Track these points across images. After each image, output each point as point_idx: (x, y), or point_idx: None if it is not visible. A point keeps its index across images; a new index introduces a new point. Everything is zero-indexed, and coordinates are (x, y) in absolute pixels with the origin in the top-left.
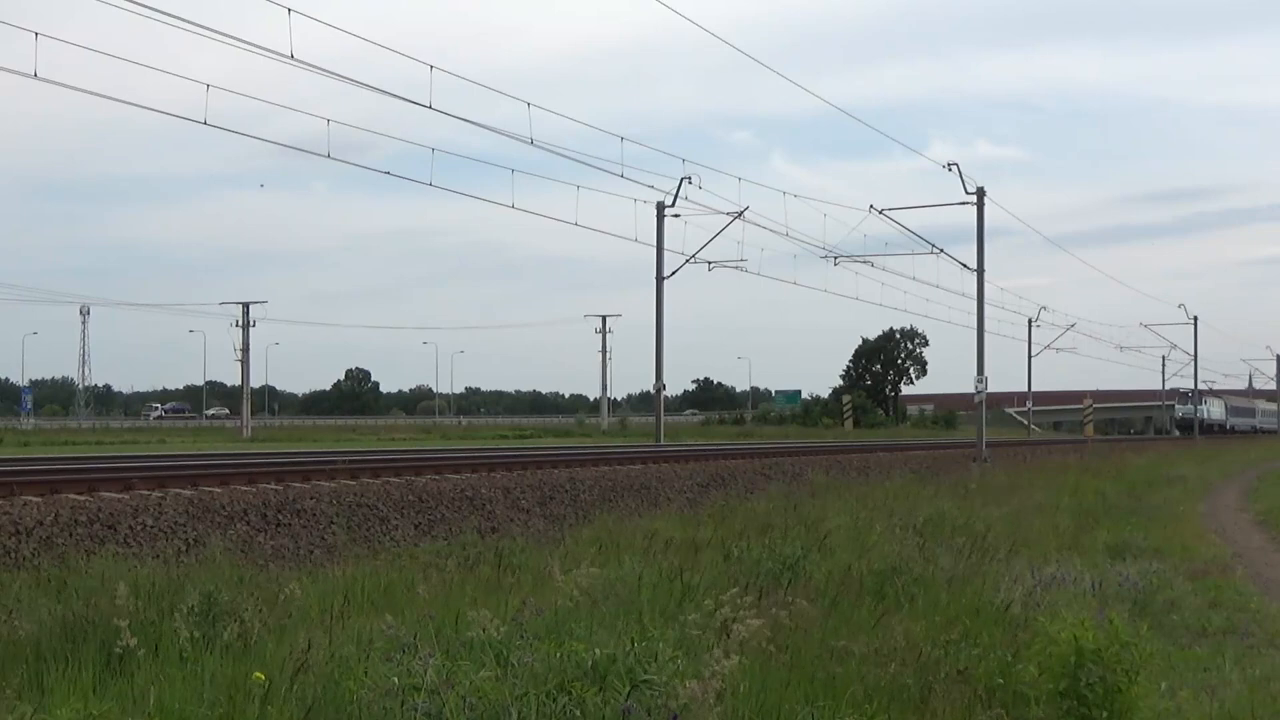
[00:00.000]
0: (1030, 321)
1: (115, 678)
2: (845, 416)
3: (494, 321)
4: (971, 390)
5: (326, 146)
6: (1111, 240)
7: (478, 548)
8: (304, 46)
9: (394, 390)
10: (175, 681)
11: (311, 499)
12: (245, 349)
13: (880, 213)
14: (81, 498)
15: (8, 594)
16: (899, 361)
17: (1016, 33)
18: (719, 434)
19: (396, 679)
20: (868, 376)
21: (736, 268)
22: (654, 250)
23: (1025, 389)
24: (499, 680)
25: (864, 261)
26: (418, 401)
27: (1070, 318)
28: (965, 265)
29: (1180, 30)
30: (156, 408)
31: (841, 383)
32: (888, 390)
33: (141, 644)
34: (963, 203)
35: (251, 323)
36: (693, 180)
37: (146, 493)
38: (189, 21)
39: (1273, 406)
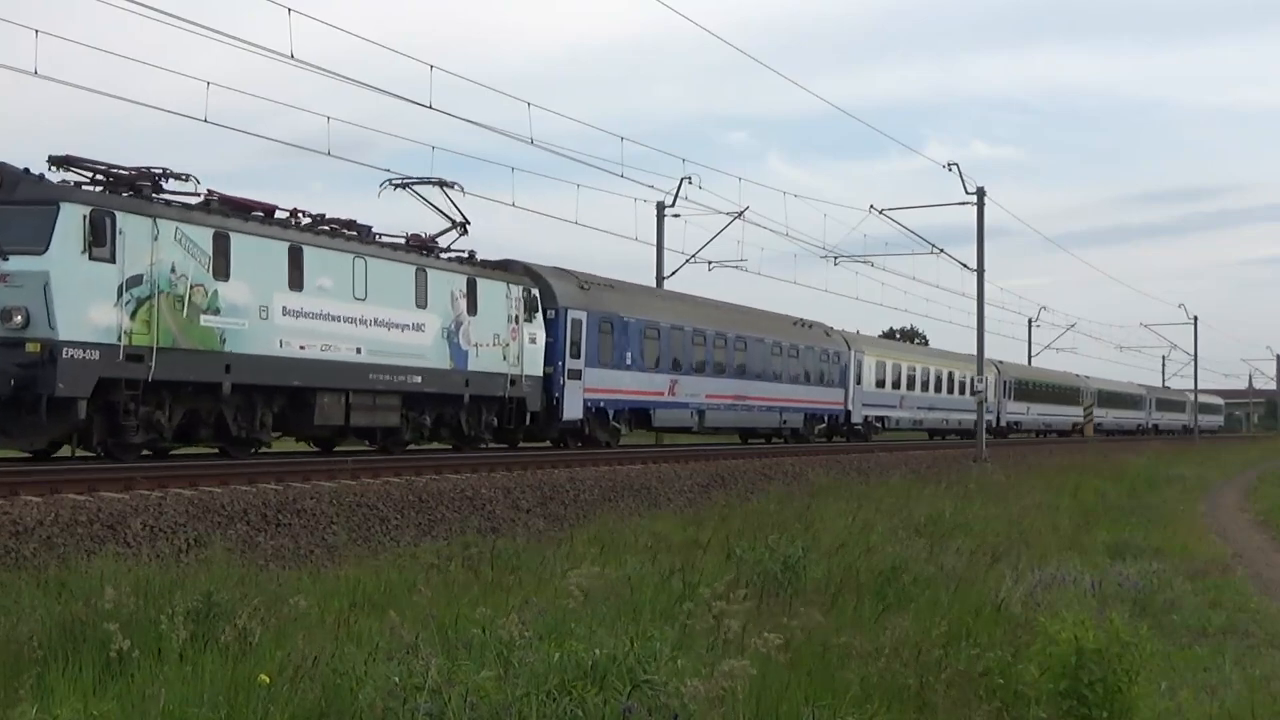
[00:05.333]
0: (1030, 321)
1: (115, 678)
2: None
3: None
4: None
5: (327, 145)
6: (1111, 240)
7: (478, 547)
8: (304, 46)
9: None
10: (175, 682)
11: (311, 499)
12: None
13: (880, 213)
14: (81, 498)
15: (8, 594)
16: None
17: (1014, 33)
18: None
19: (398, 679)
20: None
21: (737, 267)
22: (654, 250)
23: None
24: (500, 680)
25: (864, 261)
26: None
27: (1070, 318)
28: (965, 265)
29: (1180, 30)
30: None
31: None
32: None
33: (140, 645)
34: (962, 203)
35: None
36: (693, 180)
37: (146, 493)
38: (189, 21)
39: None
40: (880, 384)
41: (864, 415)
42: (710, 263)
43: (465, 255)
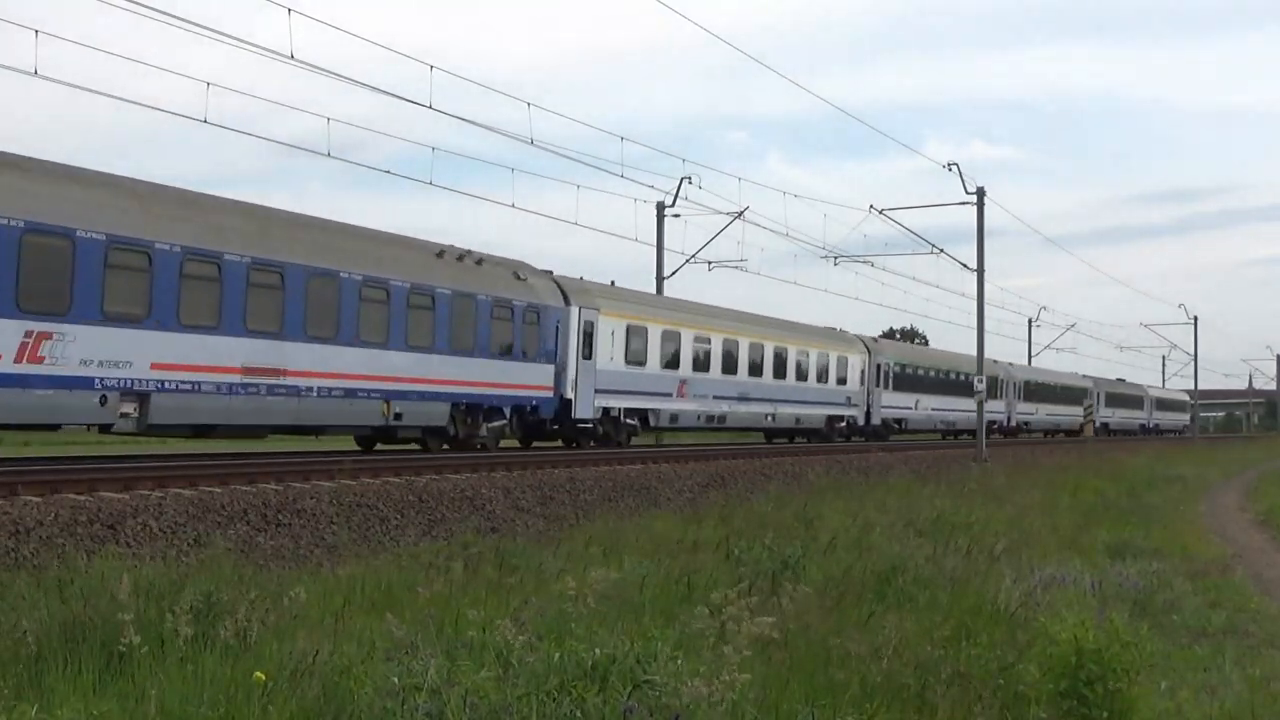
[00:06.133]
0: (1030, 321)
1: (116, 678)
2: None
3: None
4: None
5: (326, 145)
6: (1111, 240)
7: (478, 547)
8: (304, 46)
9: None
10: (175, 681)
11: (311, 499)
12: None
13: (880, 213)
14: (81, 498)
15: (8, 594)
16: None
17: (1014, 33)
18: (719, 433)
19: (397, 679)
20: None
21: (737, 268)
22: (654, 250)
23: None
24: (500, 680)
25: (864, 261)
26: None
27: (1070, 318)
28: (965, 265)
29: (1180, 30)
30: None
31: None
32: None
33: (142, 644)
34: (962, 203)
35: None
36: (693, 180)
37: (147, 493)
38: (189, 21)
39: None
40: (637, 361)
41: (601, 406)
42: (710, 263)
43: None
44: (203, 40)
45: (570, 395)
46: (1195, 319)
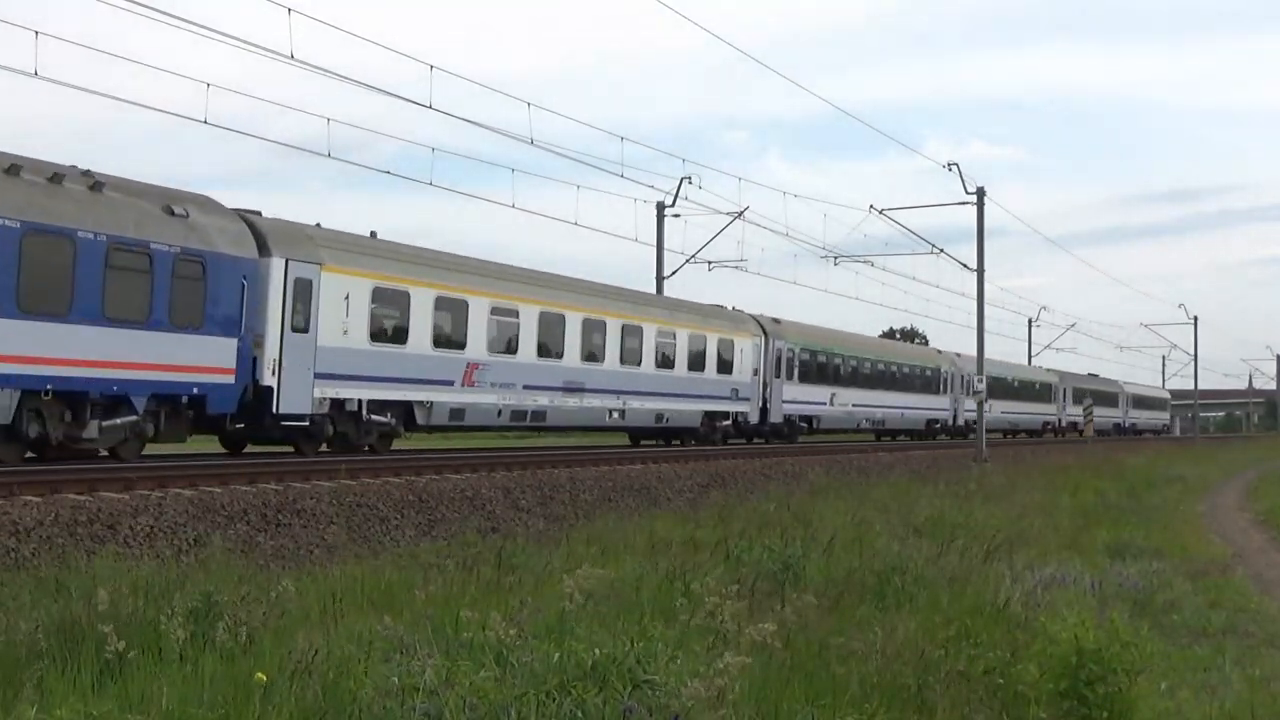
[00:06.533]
0: (1030, 321)
1: (115, 678)
2: None
3: None
4: None
5: (326, 145)
6: (1111, 240)
7: (478, 548)
8: (304, 46)
9: None
10: (174, 682)
11: (311, 499)
12: None
13: (880, 213)
14: (81, 498)
15: (8, 594)
16: None
17: (1014, 32)
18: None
19: (396, 679)
20: None
21: (737, 268)
22: (654, 250)
23: None
24: (499, 681)
25: (864, 261)
26: None
27: (1070, 318)
28: (965, 265)
29: (1181, 30)
30: None
31: None
32: None
33: (139, 645)
34: (962, 203)
35: None
36: (693, 180)
37: (146, 493)
38: (189, 21)
39: None
40: (393, 336)
41: (325, 397)
42: (710, 263)
43: None
44: (203, 40)
45: (271, 381)
46: (1195, 319)
